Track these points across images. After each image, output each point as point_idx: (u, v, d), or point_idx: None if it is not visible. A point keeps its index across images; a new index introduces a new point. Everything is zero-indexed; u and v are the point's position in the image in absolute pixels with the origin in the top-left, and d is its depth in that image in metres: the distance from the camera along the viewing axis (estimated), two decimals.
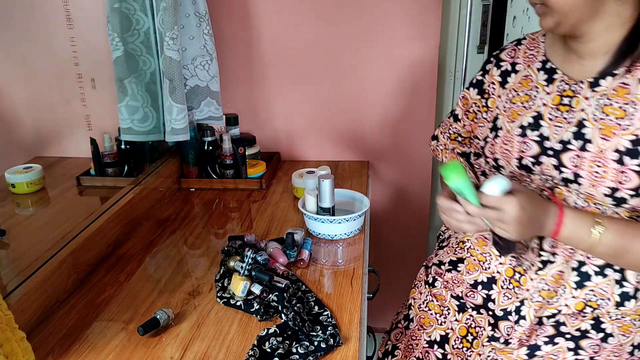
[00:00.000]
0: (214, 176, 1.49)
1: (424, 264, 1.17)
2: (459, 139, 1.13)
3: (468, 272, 1.02)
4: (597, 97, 0.84)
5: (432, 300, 1.08)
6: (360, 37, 1.53)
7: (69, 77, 1.23)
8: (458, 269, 1.05)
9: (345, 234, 1.16)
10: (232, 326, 0.88)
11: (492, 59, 1.03)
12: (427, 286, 1.11)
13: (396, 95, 1.59)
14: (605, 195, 0.82)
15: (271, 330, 0.83)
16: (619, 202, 0.82)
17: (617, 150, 0.80)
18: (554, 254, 0.91)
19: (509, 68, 0.98)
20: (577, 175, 0.84)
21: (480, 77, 1.04)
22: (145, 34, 1.26)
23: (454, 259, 1.07)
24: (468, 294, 1.03)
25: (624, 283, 0.87)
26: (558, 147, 0.87)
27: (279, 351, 0.79)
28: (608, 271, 0.88)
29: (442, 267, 1.09)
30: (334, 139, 1.66)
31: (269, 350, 0.80)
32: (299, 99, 1.62)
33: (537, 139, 0.89)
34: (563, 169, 0.86)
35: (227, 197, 1.43)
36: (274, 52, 1.58)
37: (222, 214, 1.32)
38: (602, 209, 0.85)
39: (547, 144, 0.88)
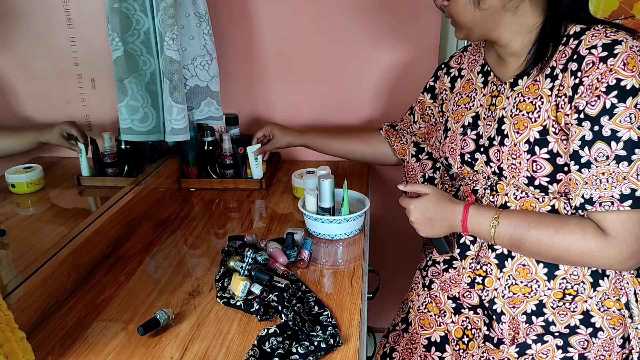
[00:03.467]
0: (214, 176, 1.49)
1: (418, 267, 1.18)
2: (414, 138, 1.25)
3: (464, 268, 1.03)
4: (515, 95, 0.92)
5: (431, 302, 1.09)
6: (361, 36, 1.53)
7: (69, 77, 1.23)
8: (454, 266, 1.06)
9: (345, 234, 1.16)
10: (232, 326, 0.88)
11: (442, 66, 1.14)
12: (424, 288, 1.12)
13: (396, 95, 1.59)
14: (526, 184, 0.90)
15: (271, 330, 0.83)
16: (543, 189, 0.89)
17: (527, 142, 0.88)
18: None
19: (456, 74, 1.09)
20: (500, 169, 0.93)
21: (432, 83, 1.16)
22: (145, 34, 1.26)
23: (447, 257, 1.08)
24: (465, 294, 1.03)
25: None
26: (487, 143, 0.96)
27: (279, 351, 0.79)
28: None
29: (438, 266, 1.10)
30: None
31: (269, 350, 0.80)
32: (299, 98, 1.62)
33: (474, 137, 0.99)
34: (491, 164, 0.95)
35: (227, 197, 1.43)
36: (274, 52, 1.58)
37: (222, 214, 1.32)
38: (539, 198, 0.91)
39: (481, 141, 0.98)
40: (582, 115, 0.81)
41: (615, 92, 0.78)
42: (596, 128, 0.80)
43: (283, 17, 1.53)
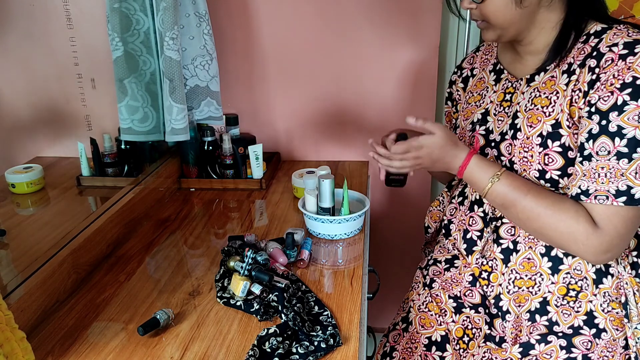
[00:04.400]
0: (214, 176, 1.49)
1: (419, 265, 1.18)
2: None
3: (465, 267, 1.03)
4: (531, 91, 0.93)
5: (432, 302, 1.09)
6: (360, 36, 1.53)
7: (69, 77, 1.22)
8: (455, 265, 1.06)
9: (345, 234, 1.16)
10: (232, 326, 0.88)
11: (455, 69, 1.14)
12: (425, 287, 1.12)
13: (396, 95, 1.59)
14: (537, 178, 0.90)
15: (271, 330, 0.83)
16: (553, 184, 0.90)
17: (540, 135, 0.89)
18: (515, 242, 0.95)
19: (469, 74, 1.10)
20: (511, 162, 0.93)
21: (449, 90, 1.17)
22: (145, 34, 1.26)
23: (449, 257, 1.08)
24: (466, 293, 1.03)
25: None
26: (498, 138, 0.96)
27: (279, 351, 0.79)
28: None
29: (439, 265, 1.10)
30: (334, 139, 1.66)
31: (269, 350, 0.80)
32: (299, 98, 1.62)
33: (484, 132, 0.99)
34: (502, 158, 0.95)
35: (227, 197, 1.43)
36: (274, 52, 1.58)
37: (222, 214, 1.32)
38: None
39: (491, 136, 0.98)
40: (593, 109, 0.82)
41: (629, 90, 0.79)
42: (603, 122, 0.81)
43: (283, 17, 1.53)
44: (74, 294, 0.98)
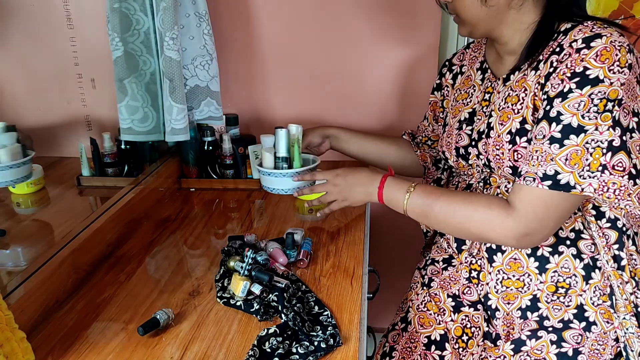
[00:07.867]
0: (214, 176, 1.49)
1: (418, 266, 1.18)
2: (429, 142, 1.25)
3: (462, 263, 1.04)
4: (506, 90, 0.94)
5: (430, 301, 1.09)
6: (360, 36, 1.53)
7: (69, 77, 1.23)
8: (452, 264, 1.07)
9: (298, 187, 1.15)
10: (232, 326, 0.88)
11: (446, 62, 1.16)
12: (423, 287, 1.12)
13: (396, 94, 1.59)
14: (510, 174, 0.92)
15: (271, 330, 0.83)
16: None
17: (509, 132, 0.91)
18: None
19: (458, 70, 1.11)
20: (488, 160, 0.95)
21: (438, 81, 1.19)
22: (145, 34, 1.26)
23: (446, 256, 1.09)
24: (464, 291, 1.04)
25: (582, 255, 0.92)
26: (477, 137, 0.99)
27: (279, 351, 0.79)
28: (561, 248, 0.92)
29: (437, 264, 1.10)
30: None
31: (269, 350, 0.80)
32: (299, 98, 1.62)
33: (469, 132, 1.01)
34: (481, 156, 0.97)
35: (227, 197, 1.43)
36: (274, 52, 1.58)
37: (222, 214, 1.32)
38: None
39: (473, 135, 1.00)
40: (544, 96, 0.84)
41: (577, 79, 0.80)
42: (547, 108, 0.83)
43: (283, 18, 1.53)
44: (74, 294, 0.98)
